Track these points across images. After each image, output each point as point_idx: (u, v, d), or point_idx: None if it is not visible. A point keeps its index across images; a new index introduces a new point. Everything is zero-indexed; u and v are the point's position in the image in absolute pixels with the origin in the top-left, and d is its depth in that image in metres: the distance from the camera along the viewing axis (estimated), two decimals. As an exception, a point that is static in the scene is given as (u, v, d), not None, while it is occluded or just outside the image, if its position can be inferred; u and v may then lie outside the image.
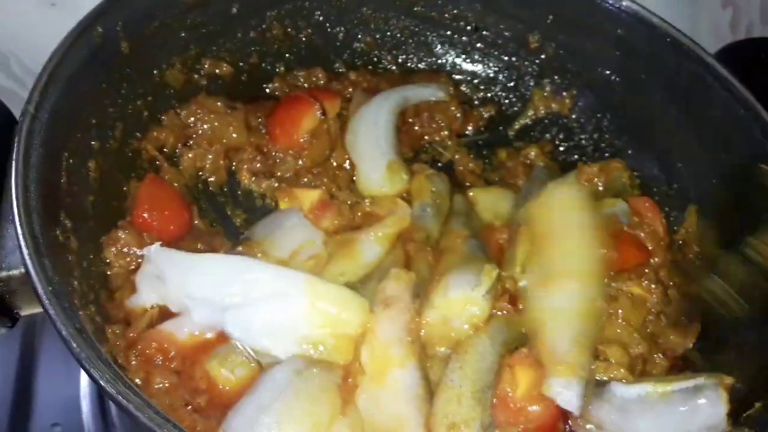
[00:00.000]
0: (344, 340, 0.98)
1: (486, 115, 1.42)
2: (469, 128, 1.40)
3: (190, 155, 1.21)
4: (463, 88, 1.45)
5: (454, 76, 1.45)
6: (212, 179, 1.23)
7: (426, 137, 1.36)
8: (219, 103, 1.23)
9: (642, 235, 1.20)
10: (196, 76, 1.26)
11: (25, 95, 1.57)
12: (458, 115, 1.37)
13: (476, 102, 1.44)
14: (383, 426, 0.94)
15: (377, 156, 1.24)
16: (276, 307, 0.97)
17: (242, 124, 1.24)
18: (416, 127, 1.35)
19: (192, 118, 1.21)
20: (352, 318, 0.98)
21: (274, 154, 1.24)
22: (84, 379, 1.19)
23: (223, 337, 0.99)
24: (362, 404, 0.94)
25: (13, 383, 1.19)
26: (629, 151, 1.34)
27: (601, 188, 1.24)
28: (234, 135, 1.23)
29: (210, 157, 1.22)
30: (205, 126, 1.21)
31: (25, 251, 0.80)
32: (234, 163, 1.24)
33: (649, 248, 1.19)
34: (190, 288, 0.98)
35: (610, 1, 1.25)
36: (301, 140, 1.23)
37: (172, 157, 1.21)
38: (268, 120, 1.26)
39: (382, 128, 1.26)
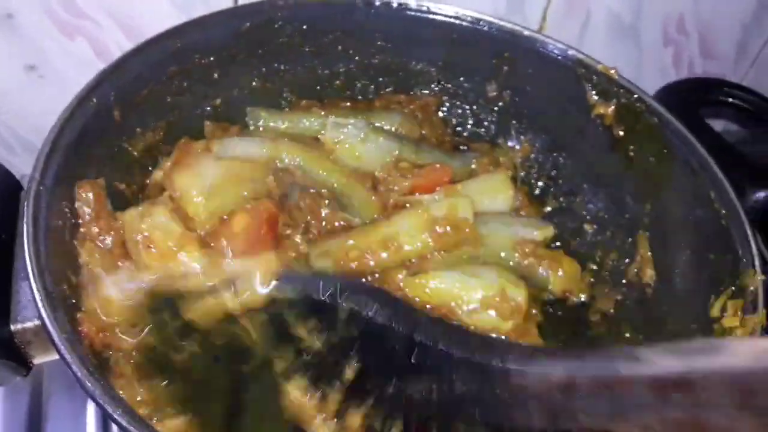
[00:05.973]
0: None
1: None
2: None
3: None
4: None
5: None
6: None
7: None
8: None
9: None
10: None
11: (15, 160, 1.68)
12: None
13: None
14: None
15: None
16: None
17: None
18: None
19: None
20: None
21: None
22: (90, 423, 1.27)
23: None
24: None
25: (25, 428, 1.26)
26: (584, 186, 1.45)
27: None
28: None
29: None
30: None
31: (40, 304, 0.89)
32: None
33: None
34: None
35: (556, 51, 1.36)
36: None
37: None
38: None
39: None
